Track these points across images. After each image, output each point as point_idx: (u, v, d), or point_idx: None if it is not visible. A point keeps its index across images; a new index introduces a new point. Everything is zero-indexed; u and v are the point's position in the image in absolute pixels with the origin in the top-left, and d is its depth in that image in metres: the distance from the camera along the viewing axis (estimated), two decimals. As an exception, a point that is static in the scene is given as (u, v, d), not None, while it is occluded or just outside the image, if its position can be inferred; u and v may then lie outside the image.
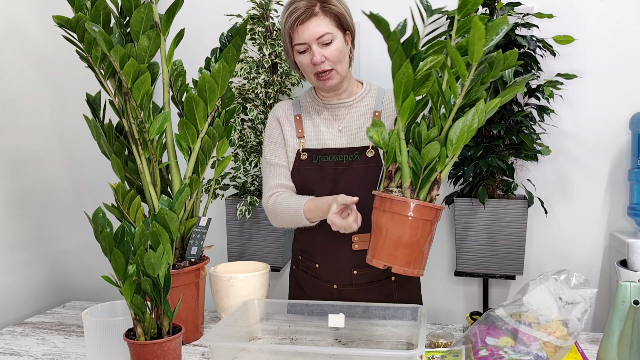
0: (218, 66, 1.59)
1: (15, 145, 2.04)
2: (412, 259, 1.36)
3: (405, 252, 1.35)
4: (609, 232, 2.17)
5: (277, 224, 1.72)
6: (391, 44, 1.32)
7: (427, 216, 1.34)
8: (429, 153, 1.31)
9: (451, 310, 2.35)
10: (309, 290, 1.78)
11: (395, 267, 1.35)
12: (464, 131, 1.29)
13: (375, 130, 1.39)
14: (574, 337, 1.28)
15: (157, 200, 1.62)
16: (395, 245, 1.35)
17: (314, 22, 1.56)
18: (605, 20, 2.11)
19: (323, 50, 1.58)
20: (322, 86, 1.64)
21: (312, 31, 1.56)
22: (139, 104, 1.54)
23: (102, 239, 1.24)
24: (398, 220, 1.34)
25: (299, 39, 1.58)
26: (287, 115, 1.76)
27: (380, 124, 1.41)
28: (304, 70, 1.65)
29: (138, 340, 1.26)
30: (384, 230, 1.36)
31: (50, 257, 2.21)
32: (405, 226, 1.34)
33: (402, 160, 1.35)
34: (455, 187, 2.18)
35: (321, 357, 1.30)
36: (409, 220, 1.33)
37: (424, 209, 1.33)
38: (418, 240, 1.34)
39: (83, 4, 1.55)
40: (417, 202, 1.33)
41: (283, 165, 1.73)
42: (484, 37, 1.22)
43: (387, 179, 1.42)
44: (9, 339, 1.69)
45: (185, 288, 1.58)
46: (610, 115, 2.14)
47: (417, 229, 1.34)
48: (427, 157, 1.31)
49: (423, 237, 1.35)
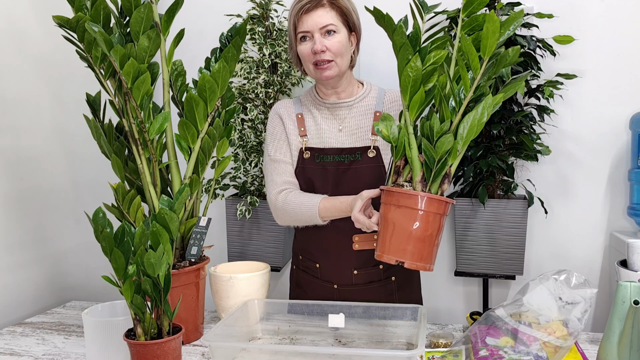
0: (218, 66, 1.59)
1: (15, 145, 2.04)
2: (425, 253, 1.33)
3: (417, 246, 1.32)
4: (609, 232, 2.17)
5: (285, 221, 1.71)
6: (397, 38, 1.32)
7: (437, 209, 1.33)
8: (442, 146, 1.29)
9: (451, 310, 2.35)
10: (309, 290, 1.78)
11: (408, 262, 1.33)
12: (474, 125, 1.30)
13: (384, 125, 1.38)
14: (574, 337, 1.28)
15: (157, 200, 1.62)
16: (407, 240, 1.33)
17: (319, 12, 1.60)
18: (605, 20, 2.11)
19: (325, 41, 1.60)
20: (320, 76, 1.63)
21: (316, 20, 1.59)
22: (139, 104, 1.54)
23: (102, 239, 1.24)
24: (409, 214, 1.32)
25: (302, 27, 1.61)
26: (289, 113, 1.76)
27: (390, 118, 1.39)
28: (304, 59, 1.65)
29: (138, 341, 1.26)
30: (396, 225, 1.34)
31: (50, 257, 2.21)
32: (416, 220, 1.32)
33: (412, 154, 1.34)
34: (455, 187, 2.19)
35: (321, 357, 1.30)
36: (420, 213, 1.32)
37: (435, 202, 1.32)
38: (430, 234, 1.33)
39: (83, 4, 1.55)
40: (429, 195, 1.32)
41: (288, 162, 1.72)
42: (498, 31, 1.22)
43: (395, 174, 1.40)
44: (9, 339, 1.69)
45: (185, 288, 1.58)
46: (610, 115, 2.13)
47: (429, 222, 1.32)
48: (440, 150, 1.30)
49: (435, 231, 1.33)
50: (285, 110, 1.76)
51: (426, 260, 1.34)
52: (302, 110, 1.76)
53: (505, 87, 1.39)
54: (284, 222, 1.71)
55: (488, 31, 1.23)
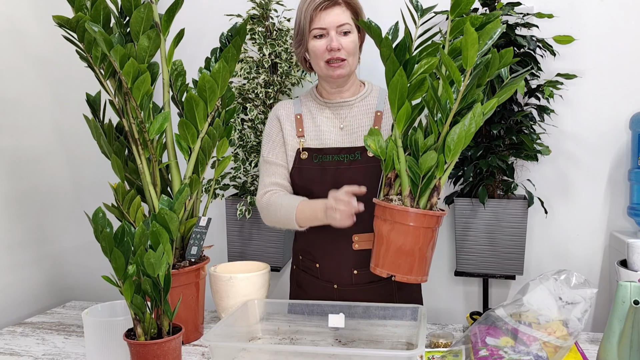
0: (218, 66, 1.59)
1: (15, 145, 2.04)
2: (415, 266, 1.35)
3: (407, 260, 1.35)
4: (609, 232, 2.17)
5: (269, 222, 1.71)
6: (383, 50, 1.31)
7: (428, 224, 1.34)
8: (426, 162, 1.30)
9: (451, 310, 2.35)
10: (309, 290, 1.78)
11: (398, 275, 1.36)
12: (461, 137, 1.28)
13: (372, 139, 1.38)
14: (574, 337, 1.28)
15: (157, 200, 1.62)
16: (398, 254, 1.35)
17: (336, 10, 1.61)
18: (605, 20, 2.11)
19: (340, 39, 1.61)
20: (332, 74, 1.64)
21: (334, 18, 1.61)
22: (139, 104, 1.54)
23: (102, 239, 1.24)
24: (399, 229, 1.34)
25: (319, 24, 1.61)
26: (288, 114, 1.76)
27: (377, 132, 1.40)
28: (315, 56, 1.65)
29: (138, 340, 1.26)
30: (386, 239, 1.36)
31: (50, 257, 2.21)
32: (406, 235, 1.33)
33: (401, 168, 1.34)
34: (455, 187, 2.18)
35: (321, 357, 1.30)
36: (410, 228, 1.33)
37: (424, 217, 1.33)
38: (420, 248, 1.34)
39: (83, 4, 1.55)
40: (417, 211, 1.33)
41: (280, 165, 1.73)
42: (476, 42, 1.21)
43: (387, 186, 1.41)
44: (9, 339, 1.69)
45: (185, 288, 1.58)
46: (610, 115, 2.13)
47: (419, 237, 1.33)
48: (424, 166, 1.30)
49: (425, 245, 1.34)
50: (284, 111, 1.77)
51: (417, 273, 1.36)
52: (302, 110, 1.76)
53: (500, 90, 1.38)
54: (269, 223, 1.72)
55: (467, 43, 1.23)
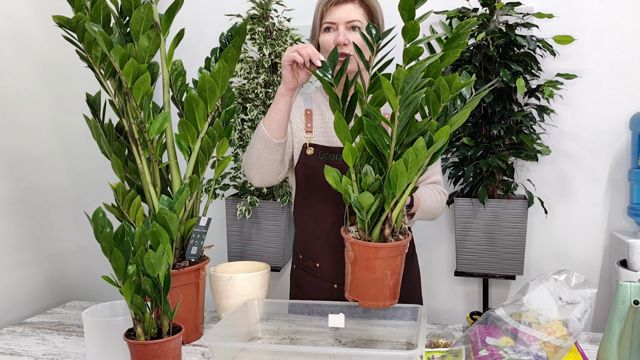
0: (218, 66, 1.59)
1: (15, 145, 2.04)
2: (374, 293, 1.38)
3: (367, 287, 1.37)
4: (609, 232, 2.17)
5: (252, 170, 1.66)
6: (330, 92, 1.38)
7: (389, 254, 1.35)
8: (364, 201, 1.31)
9: (451, 310, 2.35)
10: (309, 289, 1.77)
11: (361, 301, 1.39)
12: (403, 172, 1.28)
13: (329, 175, 1.40)
14: (574, 337, 1.28)
15: (157, 200, 1.62)
16: (357, 282, 1.38)
17: (349, 6, 1.63)
18: (605, 20, 2.12)
19: (349, 35, 1.62)
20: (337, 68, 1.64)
21: (344, 14, 1.62)
22: (139, 104, 1.54)
23: (102, 239, 1.24)
24: (355, 259, 1.37)
25: (329, 18, 1.63)
26: (299, 106, 1.77)
27: (333, 170, 1.40)
28: (324, 50, 1.66)
29: (138, 340, 1.26)
30: (349, 267, 1.40)
31: (50, 257, 2.21)
32: (367, 267, 1.36)
33: (351, 202, 1.36)
34: (455, 187, 2.19)
35: (321, 357, 1.30)
36: (370, 261, 1.35)
37: (383, 249, 1.35)
38: (376, 277, 1.36)
39: (83, 4, 1.55)
40: (374, 245, 1.34)
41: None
42: (392, 88, 1.23)
43: (353, 215, 1.44)
44: (9, 339, 1.69)
45: (185, 288, 1.58)
46: (610, 115, 2.14)
47: (375, 267, 1.36)
48: (364, 204, 1.32)
49: (386, 273, 1.37)
50: (295, 103, 1.77)
51: (377, 299, 1.38)
52: (312, 106, 1.76)
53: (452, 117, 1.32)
54: (252, 172, 1.66)
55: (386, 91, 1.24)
